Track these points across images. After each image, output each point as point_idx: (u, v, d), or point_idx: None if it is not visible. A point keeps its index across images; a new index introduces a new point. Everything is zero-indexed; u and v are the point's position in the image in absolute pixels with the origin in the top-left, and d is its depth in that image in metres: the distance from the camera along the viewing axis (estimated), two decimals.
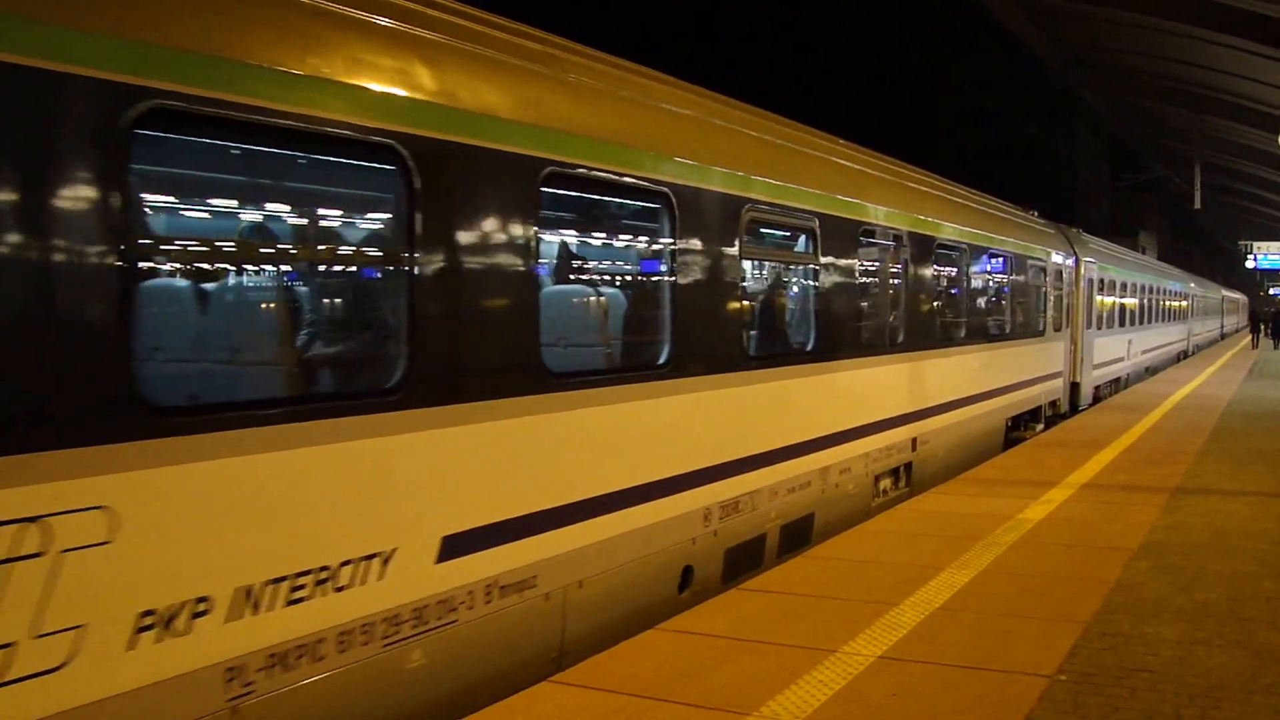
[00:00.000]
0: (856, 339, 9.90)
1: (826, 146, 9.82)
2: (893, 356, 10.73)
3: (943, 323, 12.30)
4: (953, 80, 44.25)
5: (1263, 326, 47.38)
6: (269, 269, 5.22)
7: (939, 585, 6.80)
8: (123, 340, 3.72)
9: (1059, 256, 18.14)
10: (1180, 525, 8.55)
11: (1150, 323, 29.73)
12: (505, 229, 5.44)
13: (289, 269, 5.25)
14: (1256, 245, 59.11)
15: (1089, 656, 5.44)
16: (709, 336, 7.35)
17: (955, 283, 13.00)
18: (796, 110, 10.11)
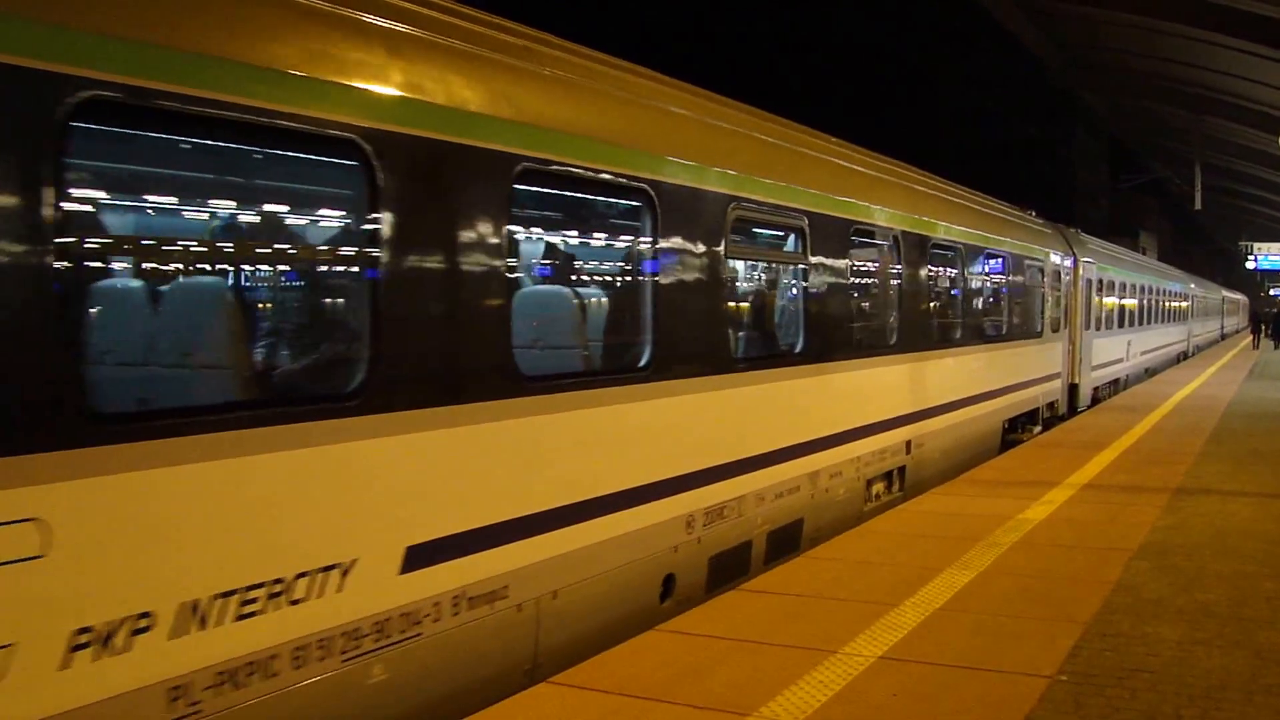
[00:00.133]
0: (848, 340, 9.73)
1: (817, 144, 9.67)
2: (886, 358, 10.56)
3: (937, 324, 12.14)
4: (952, 81, 44.29)
5: (1263, 327, 47.37)
6: (221, 268, 5.05)
7: (939, 586, 6.78)
8: (56, 343, 3.56)
9: (1057, 257, 18.06)
10: (1181, 526, 8.51)
11: (1150, 323, 29.71)
12: (474, 227, 5.27)
13: (241, 268, 5.08)
14: (1257, 246, 59.05)
15: (1089, 657, 5.41)
16: (692, 338, 7.16)
17: (950, 283, 12.87)
18: (796, 111, 10.05)
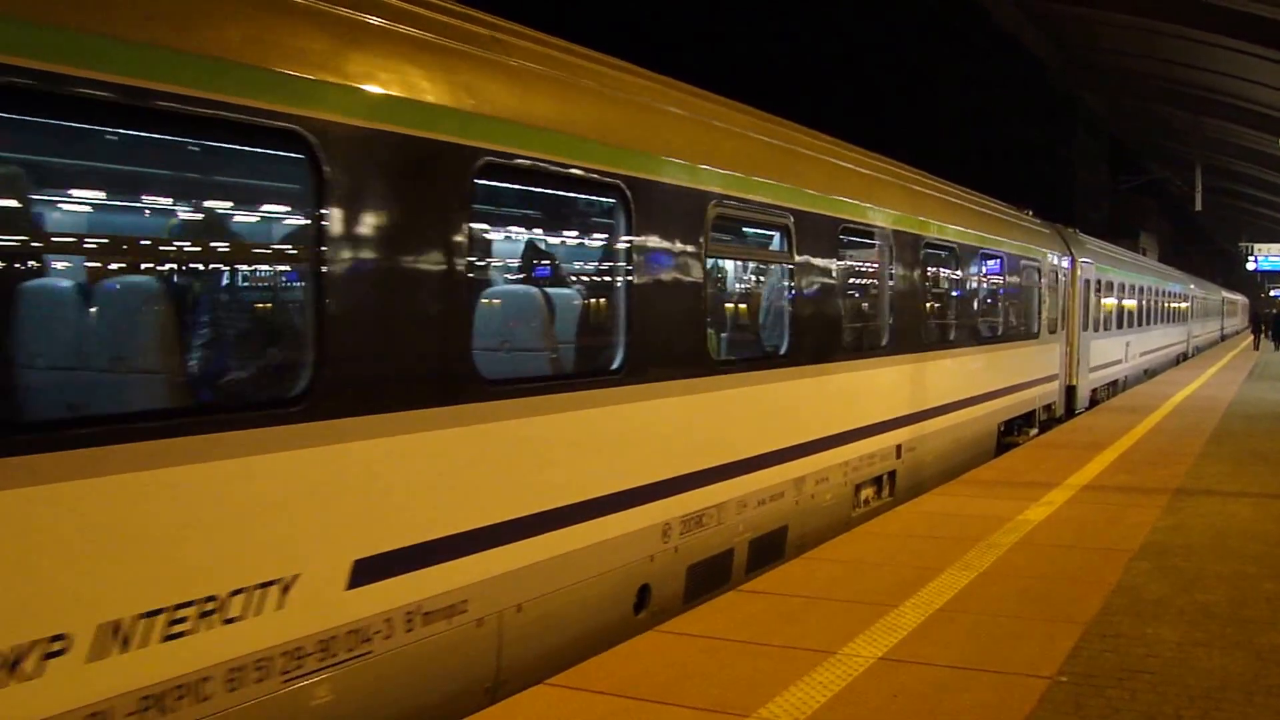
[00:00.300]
0: (836, 342, 9.48)
1: (805, 141, 9.44)
2: (876, 360, 10.34)
3: (930, 325, 11.93)
4: (952, 82, 44.28)
5: (1263, 328, 47.36)
6: (151, 267, 4.78)
7: (939, 586, 6.78)
8: None
9: (1055, 257, 17.94)
10: (1181, 527, 8.53)
11: (1149, 324, 29.67)
12: (430, 223, 5.04)
13: (174, 267, 4.84)
14: (1257, 247, 59.06)
15: (1090, 658, 5.42)
16: (669, 339, 6.91)
17: (944, 284, 12.66)
18: (796, 112, 10.01)
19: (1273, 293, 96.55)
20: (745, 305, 9.30)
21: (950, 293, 12.87)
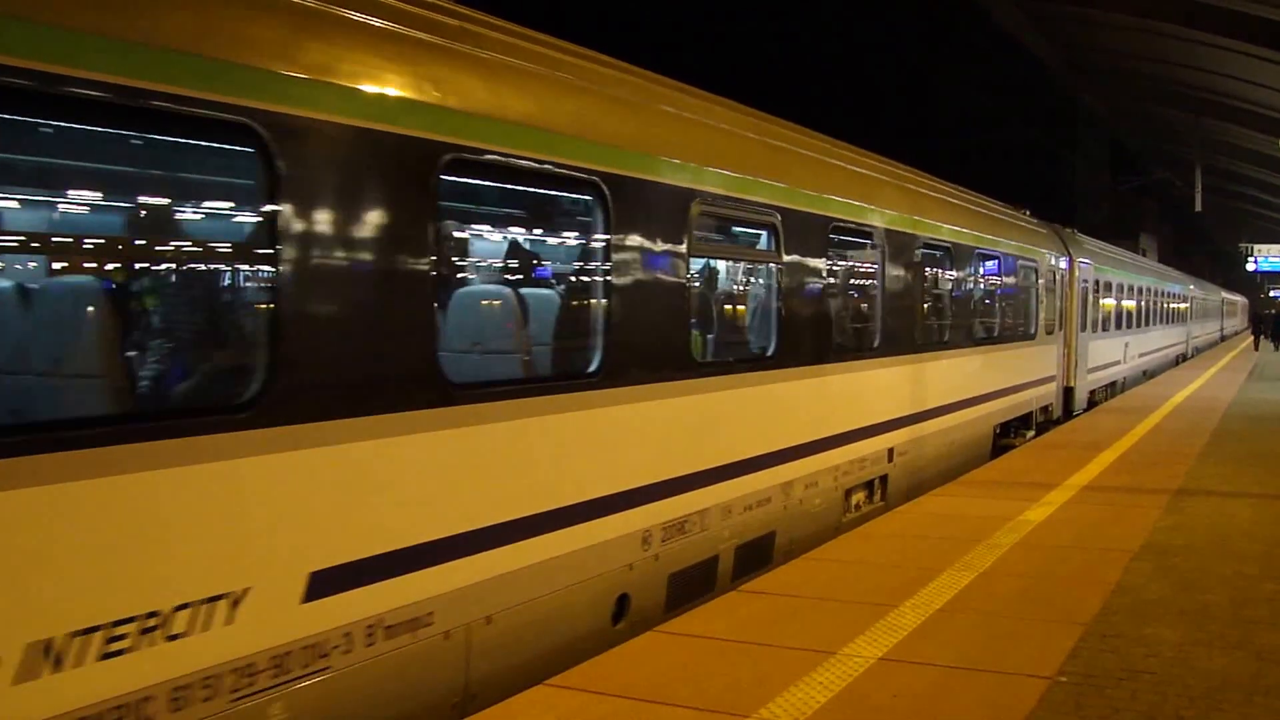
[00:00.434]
0: (825, 343, 9.29)
1: (794, 138, 9.26)
2: (867, 362, 10.16)
3: (923, 326, 11.72)
4: (952, 83, 44.31)
5: (1263, 329, 47.34)
6: (92, 266, 4.60)
7: (939, 587, 6.79)
8: None
9: (1052, 257, 17.86)
10: (1181, 527, 8.54)
11: (1148, 325, 29.66)
12: (391, 222, 4.84)
13: (115, 266, 4.63)
14: (1257, 248, 59.04)
15: (1090, 658, 5.43)
16: (650, 341, 6.74)
17: (938, 284, 12.50)
18: (796, 113, 9.98)
19: (1272, 293, 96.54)
20: (730, 306, 9.11)
21: (944, 293, 12.73)
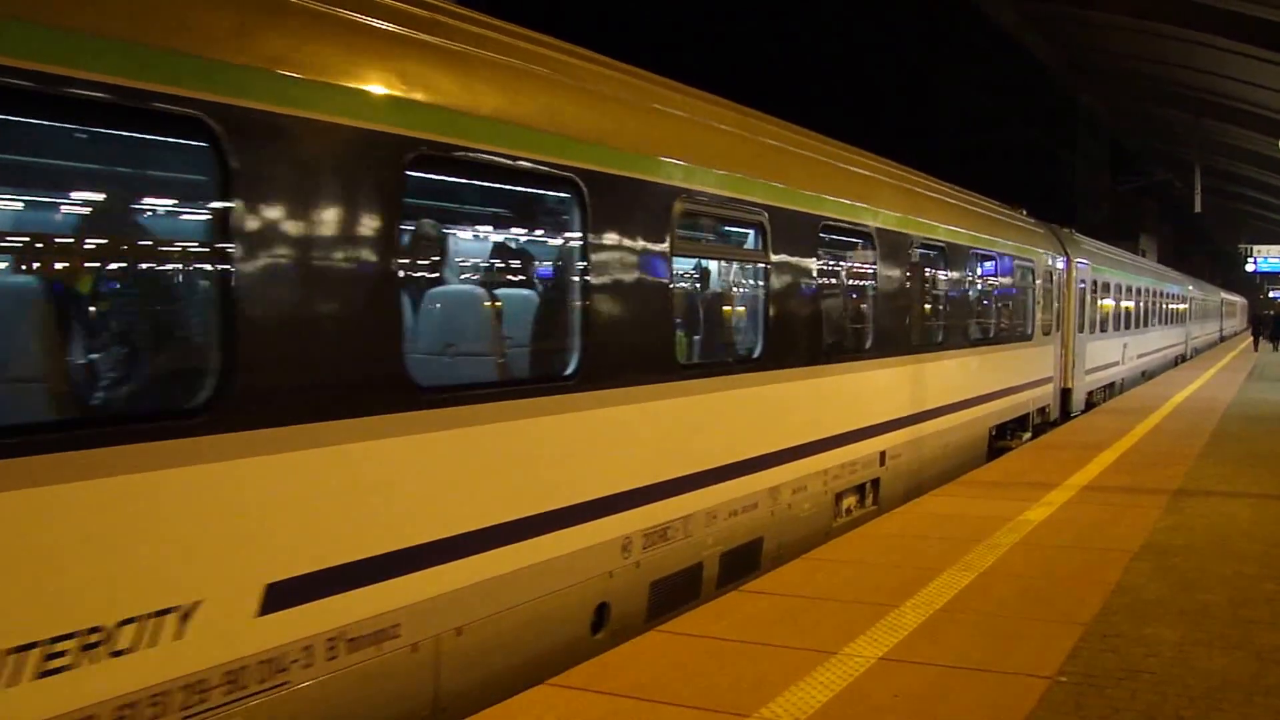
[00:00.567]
0: (814, 345, 9.06)
1: (782, 135, 9.07)
2: (858, 363, 9.99)
3: (916, 327, 11.55)
4: (952, 84, 44.33)
5: (1262, 330, 47.35)
6: (32, 265, 4.45)
7: (940, 587, 6.79)
8: None
9: (1050, 257, 17.77)
10: (1181, 527, 8.55)
11: (1147, 326, 29.63)
12: (352, 218, 4.67)
13: (58, 265, 4.51)
14: (1256, 249, 59.11)
15: (1090, 658, 5.44)
16: (630, 343, 6.57)
17: (932, 284, 12.33)
18: (796, 113, 9.95)
19: (1272, 294, 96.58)
20: (715, 306, 8.94)
21: (939, 293, 12.61)
